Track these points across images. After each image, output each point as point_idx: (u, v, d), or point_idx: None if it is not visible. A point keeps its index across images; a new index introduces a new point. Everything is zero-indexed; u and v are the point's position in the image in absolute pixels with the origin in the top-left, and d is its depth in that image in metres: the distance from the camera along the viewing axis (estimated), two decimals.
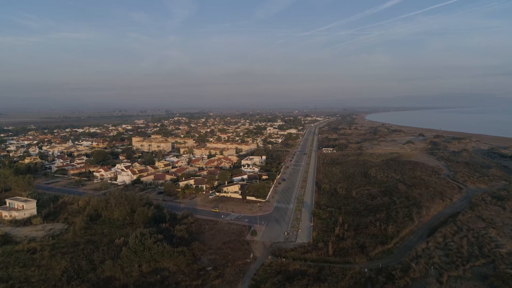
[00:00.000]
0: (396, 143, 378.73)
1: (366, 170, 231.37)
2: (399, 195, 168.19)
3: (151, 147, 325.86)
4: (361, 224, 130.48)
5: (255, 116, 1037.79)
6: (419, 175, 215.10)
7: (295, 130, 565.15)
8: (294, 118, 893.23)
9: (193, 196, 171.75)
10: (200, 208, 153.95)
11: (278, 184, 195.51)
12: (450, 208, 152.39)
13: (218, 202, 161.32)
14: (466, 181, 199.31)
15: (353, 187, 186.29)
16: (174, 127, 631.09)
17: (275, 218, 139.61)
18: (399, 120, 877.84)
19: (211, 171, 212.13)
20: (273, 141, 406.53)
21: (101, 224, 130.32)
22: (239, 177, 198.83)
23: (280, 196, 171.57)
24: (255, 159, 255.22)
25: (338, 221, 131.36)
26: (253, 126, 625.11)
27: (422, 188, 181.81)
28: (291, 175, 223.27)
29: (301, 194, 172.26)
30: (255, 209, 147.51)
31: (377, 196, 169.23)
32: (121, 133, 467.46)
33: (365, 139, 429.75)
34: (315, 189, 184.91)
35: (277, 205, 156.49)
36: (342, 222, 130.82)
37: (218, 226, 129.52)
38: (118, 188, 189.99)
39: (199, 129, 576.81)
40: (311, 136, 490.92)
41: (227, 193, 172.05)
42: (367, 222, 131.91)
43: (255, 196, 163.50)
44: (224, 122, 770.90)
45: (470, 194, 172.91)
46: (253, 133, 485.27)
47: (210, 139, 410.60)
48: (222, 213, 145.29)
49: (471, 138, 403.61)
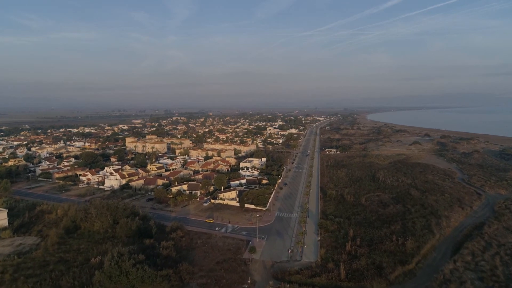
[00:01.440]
0: (402, 143, 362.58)
1: (373, 174, 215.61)
2: (413, 203, 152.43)
3: (145, 148, 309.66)
4: (375, 238, 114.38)
5: (255, 116, 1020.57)
6: (431, 179, 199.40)
7: (296, 130, 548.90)
8: (294, 118, 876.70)
9: (186, 204, 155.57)
10: (193, 217, 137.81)
11: (280, 189, 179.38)
12: (472, 218, 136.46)
13: (213, 211, 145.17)
14: (484, 186, 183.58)
15: (361, 193, 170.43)
16: (172, 127, 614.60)
17: (276, 230, 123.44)
18: (401, 120, 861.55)
19: (207, 174, 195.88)
20: (274, 142, 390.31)
21: (78, 238, 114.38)
22: (237, 182, 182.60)
23: (281, 204, 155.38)
24: (255, 162, 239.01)
25: (348, 235, 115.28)
26: (253, 126, 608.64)
27: (437, 194, 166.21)
28: (293, 179, 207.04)
29: (305, 202, 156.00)
30: (254, 220, 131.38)
31: (389, 203, 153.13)
32: (116, 134, 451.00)
33: (369, 139, 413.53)
34: (320, 195, 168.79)
35: (279, 215, 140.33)
36: (353, 236, 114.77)
37: (211, 240, 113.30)
38: (105, 193, 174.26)
39: (197, 129, 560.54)
40: (312, 137, 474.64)
41: (223, 200, 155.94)
42: (382, 236, 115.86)
43: (254, 204, 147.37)
44: (223, 122, 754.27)
45: (491, 201, 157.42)
46: (252, 133, 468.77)
47: (208, 139, 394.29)
48: (217, 224, 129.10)
49: (479, 139, 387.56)
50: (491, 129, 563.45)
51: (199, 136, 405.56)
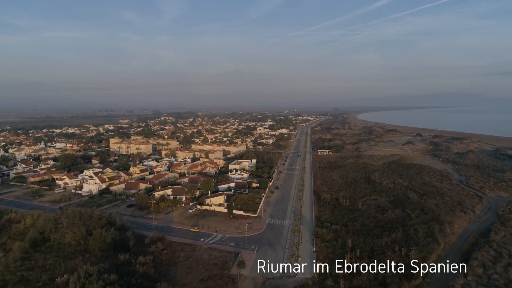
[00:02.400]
0: (394, 143, 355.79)
1: (368, 175, 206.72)
2: (413, 207, 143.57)
3: (129, 149, 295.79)
4: (375, 248, 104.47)
5: (245, 116, 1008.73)
6: (428, 181, 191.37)
7: (286, 130, 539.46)
8: (285, 118, 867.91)
9: (169, 210, 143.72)
10: (177, 226, 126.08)
11: (271, 193, 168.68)
12: (476, 223, 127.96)
13: (199, 218, 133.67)
14: (483, 187, 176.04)
15: (357, 197, 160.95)
16: (159, 127, 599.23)
17: (268, 240, 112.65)
18: (391, 120, 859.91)
19: (193, 178, 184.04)
20: (264, 142, 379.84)
21: (46, 252, 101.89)
22: (225, 186, 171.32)
23: (273, 210, 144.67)
24: (244, 163, 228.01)
25: (347, 245, 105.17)
26: (243, 126, 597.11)
27: (437, 197, 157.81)
28: (285, 181, 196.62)
29: (298, 207, 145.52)
30: (244, 228, 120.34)
31: (387, 208, 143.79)
32: (100, 134, 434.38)
33: (361, 139, 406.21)
34: (314, 199, 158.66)
35: (270, 222, 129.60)
36: (352, 246, 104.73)
37: (196, 253, 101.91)
38: (82, 199, 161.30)
39: (186, 129, 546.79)
40: (303, 137, 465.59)
41: (210, 206, 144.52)
42: (383, 245, 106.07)
43: (244, 210, 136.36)
44: (213, 122, 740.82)
45: (493, 205, 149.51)
46: (242, 133, 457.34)
47: (196, 140, 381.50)
48: (202, 234, 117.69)
49: (471, 138, 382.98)
50: (482, 128, 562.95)
51: (186, 136, 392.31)
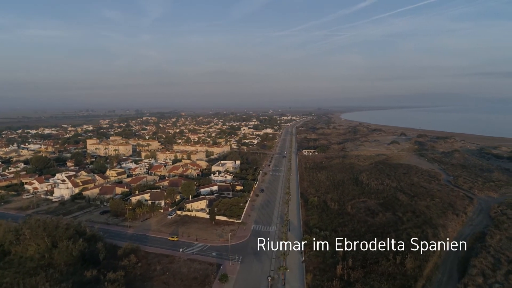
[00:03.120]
0: (380, 143, 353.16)
1: (356, 176, 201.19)
2: (404, 209, 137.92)
3: (107, 150, 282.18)
4: (368, 256, 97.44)
5: (229, 116, 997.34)
6: (417, 182, 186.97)
7: (271, 130, 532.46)
8: (269, 118, 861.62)
9: (147, 217, 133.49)
10: (154, 234, 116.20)
11: (256, 196, 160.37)
12: (469, 227, 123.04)
13: (178, 225, 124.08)
14: (472, 188, 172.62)
15: (346, 199, 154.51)
16: (141, 127, 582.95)
17: (253, 249, 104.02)
18: (374, 119, 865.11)
19: (174, 181, 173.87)
20: (249, 142, 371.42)
21: (4, 268, 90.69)
22: (208, 189, 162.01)
23: (258, 214, 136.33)
24: (228, 165, 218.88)
25: (337, 253, 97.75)
26: (227, 126, 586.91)
27: (427, 198, 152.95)
28: (270, 183, 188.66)
29: (284, 211, 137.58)
30: (227, 235, 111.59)
31: (377, 211, 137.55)
32: (78, 135, 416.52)
33: (347, 139, 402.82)
34: (301, 202, 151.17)
35: (256, 228, 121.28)
36: (344, 254, 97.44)
37: (174, 266, 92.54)
38: (52, 206, 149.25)
39: (168, 129, 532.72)
40: (288, 137, 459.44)
41: (191, 212, 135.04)
42: (376, 253, 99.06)
43: (227, 216, 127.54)
44: (196, 122, 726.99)
45: (484, 206, 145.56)
46: (226, 133, 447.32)
47: (179, 140, 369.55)
48: (182, 243, 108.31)
49: (455, 138, 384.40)
50: (464, 127, 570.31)
51: (168, 137, 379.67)
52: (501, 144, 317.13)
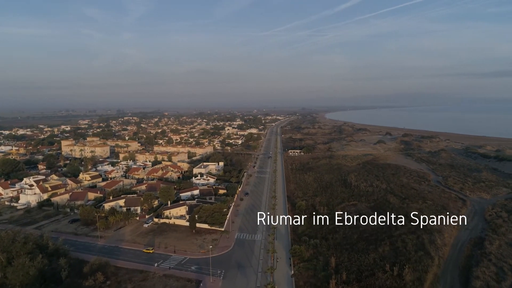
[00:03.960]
0: (366, 143, 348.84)
1: (344, 177, 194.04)
2: (396, 213, 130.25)
3: (83, 152, 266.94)
4: (363, 267, 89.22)
5: (213, 116, 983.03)
6: (407, 183, 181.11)
7: (256, 130, 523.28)
8: (254, 117, 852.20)
9: (121, 225, 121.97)
10: (127, 246, 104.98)
11: (240, 200, 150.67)
12: (465, 231, 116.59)
13: (155, 235, 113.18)
14: (463, 189, 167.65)
15: (335, 203, 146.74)
16: (121, 127, 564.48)
17: (237, 261, 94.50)
18: (358, 119, 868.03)
19: (152, 184, 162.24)
20: (233, 143, 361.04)
21: None
22: (188, 193, 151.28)
23: (243, 221, 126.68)
24: (211, 167, 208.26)
25: (329, 265, 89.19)
26: (210, 126, 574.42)
27: (419, 201, 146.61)
28: (255, 186, 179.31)
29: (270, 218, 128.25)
30: (208, 246, 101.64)
31: (368, 215, 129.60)
32: (54, 135, 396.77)
33: (332, 138, 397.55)
34: (288, 207, 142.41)
35: (240, 237, 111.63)
36: (336, 266, 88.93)
37: (147, 283, 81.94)
38: (16, 214, 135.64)
39: (150, 129, 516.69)
40: (273, 137, 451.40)
41: (169, 219, 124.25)
42: (371, 263, 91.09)
43: (209, 224, 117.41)
44: (179, 122, 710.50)
45: (478, 208, 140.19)
46: (210, 133, 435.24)
47: (160, 141, 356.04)
48: (158, 256, 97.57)
49: (439, 137, 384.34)
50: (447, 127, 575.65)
51: (149, 137, 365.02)
52: (486, 143, 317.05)
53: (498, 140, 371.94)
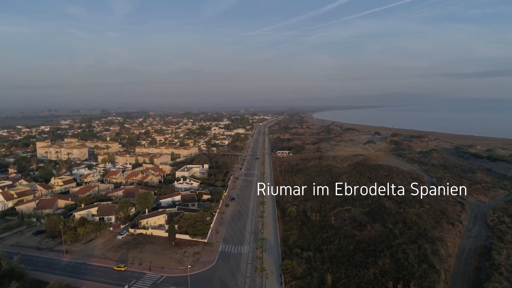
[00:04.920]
0: (355, 143, 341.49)
1: (335, 180, 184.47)
2: (393, 219, 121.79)
3: (59, 154, 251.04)
4: (363, 284, 79.32)
5: (200, 116, 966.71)
6: (400, 184, 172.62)
7: (243, 130, 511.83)
8: (241, 117, 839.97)
9: (92, 237, 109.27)
10: (96, 263, 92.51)
11: (226, 206, 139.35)
12: (469, 239, 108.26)
13: (129, 248, 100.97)
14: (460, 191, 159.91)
15: (327, 208, 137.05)
16: (103, 128, 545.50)
17: (221, 279, 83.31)
18: (346, 118, 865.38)
19: (129, 190, 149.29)
20: (219, 143, 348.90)
21: None
22: (169, 199, 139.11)
23: (228, 230, 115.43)
24: (195, 169, 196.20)
25: (325, 282, 78.87)
26: (196, 126, 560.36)
27: (416, 205, 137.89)
28: (242, 190, 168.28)
29: (259, 226, 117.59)
30: (189, 260, 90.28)
31: (364, 222, 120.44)
32: (31, 137, 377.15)
33: (321, 139, 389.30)
34: (278, 213, 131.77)
35: (224, 249, 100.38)
36: (333, 283, 78.75)
37: None
38: None
39: (133, 130, 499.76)
40: (261, 137, 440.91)
41: (146, 230, 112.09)
42: (371, 280, 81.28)
43: (190, 235, 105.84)
44: (164, 122, 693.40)
45: (478, 212, 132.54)
46: (195, 134, 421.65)
47: (143, 142, 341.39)
48: (131, 274, 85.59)
49: (428, 136, 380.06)
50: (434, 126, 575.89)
51: (131, 138, 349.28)
52: (476, 143, 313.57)
53: (486, 139, 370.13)
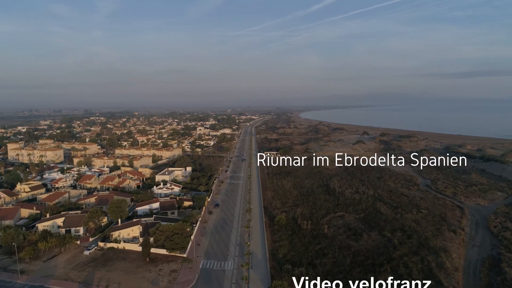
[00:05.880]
0: (344, 143, 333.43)
1: (326, 182, 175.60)
2: (391, 227, 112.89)
3: (32, 156, 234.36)
4: None
5: (186, 115, 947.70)
6: (394, 188, 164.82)
7: (229, 130, 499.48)
8: (228, 117, 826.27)
9: (55, 253, 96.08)
10: (56, 285, 79.64)
11: (209, 214, 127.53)
12: (474, 248, 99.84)
13: (97, 266, 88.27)
14: (456, 194, 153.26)
15: (319, 214, 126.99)
16: (84, 128, 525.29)
17: None
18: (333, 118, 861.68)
19: (103, 197, 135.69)
20: (204, 144, 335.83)
21: None
22: (146, 207, 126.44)
23: (211, 242, 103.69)
24: (177, 173, 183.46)
25: None
26: (181, 126, 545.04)
27: (413, 210, 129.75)
28: (227, 195, 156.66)
29: (245, 236, 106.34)
30: (164, 281, 78.48)
31: (360, 230, 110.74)
32: (4, 138, 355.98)
33: (309, 139, 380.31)
34: (266, 221, 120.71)
35: (206, 266, 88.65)
36: None
37: None
38: None
39: (115, 130, 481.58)
40: (248, 137, 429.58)
41: (118, 243, 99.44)
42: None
43: (168, 249, 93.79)
44: (148, 122, 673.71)
45: (479, 218, 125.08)
46: (179, 134, 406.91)
47: (124, 143, 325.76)
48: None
49: (417, 136, 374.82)
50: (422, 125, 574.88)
51: (111, 139, 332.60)
52: (465, 143, 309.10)
53: (475, 139, 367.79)
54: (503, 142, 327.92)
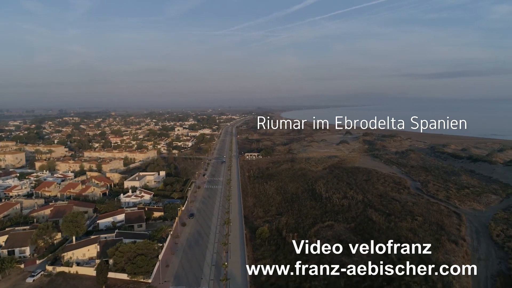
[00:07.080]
0: (328, 143, 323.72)
1: (311, 186, 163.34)
2: (385, 237, 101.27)
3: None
4: None
5: (164, 115, 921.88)
6: (384, 191, 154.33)
7: (209, 130, 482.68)
8: (208, 117, 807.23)
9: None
10: None
11: (182, 226, 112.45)
12: (480, 262, 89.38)
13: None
14: (449, 198, 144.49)
15: (306, 224, 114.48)
16: (55, 129, 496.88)
17: None
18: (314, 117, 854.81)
19: (60, 208, 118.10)
20: (181, 145, 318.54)
21: None
22: (109, 220, 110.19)
23: (182, 262, 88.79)
24: (148, 178, 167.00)
25: None
26: (159, 127, 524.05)
27: (407, 217, 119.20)
28: (204, 203, 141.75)
29: (222, 254, 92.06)
30: None
31: (352, 242, 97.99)
32: None
33: (292, 139, 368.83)
34: (246, 233, 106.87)
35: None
36: None
37: None
38: None
39: (88, 131, 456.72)
40: (228, 137, 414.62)
41: (70, 267, 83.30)
42: None
43: (129, 273, 78.55)
44: (125, 123, 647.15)
45: (478, 225, 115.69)
46: (156, 135, 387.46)
47: (96, 144, 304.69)
48: None
49: (400, 136, 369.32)
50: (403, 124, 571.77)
51: (81, 140, 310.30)
52: (449, 142, 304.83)
53: (458, 138, 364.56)
54: (486, 141, 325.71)
